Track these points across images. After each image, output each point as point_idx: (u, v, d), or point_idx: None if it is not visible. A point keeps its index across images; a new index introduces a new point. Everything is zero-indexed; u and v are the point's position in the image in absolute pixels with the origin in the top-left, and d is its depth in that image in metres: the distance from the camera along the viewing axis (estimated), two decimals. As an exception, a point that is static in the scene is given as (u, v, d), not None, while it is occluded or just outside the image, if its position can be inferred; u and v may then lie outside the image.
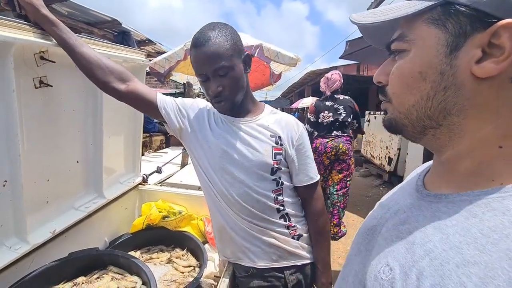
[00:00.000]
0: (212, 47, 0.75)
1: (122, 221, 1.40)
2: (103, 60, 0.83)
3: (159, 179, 1.87)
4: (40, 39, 0.80)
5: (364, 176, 4.96)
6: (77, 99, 1.07)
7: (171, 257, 1.31)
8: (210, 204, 0.93)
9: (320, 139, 2.74)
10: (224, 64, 0.76)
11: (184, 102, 0.91)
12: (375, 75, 0.41)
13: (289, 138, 0.89)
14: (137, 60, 1.25)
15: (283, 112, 0.95)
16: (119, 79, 0.84)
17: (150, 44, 3.74)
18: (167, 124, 0.89)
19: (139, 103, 0.87)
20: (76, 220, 1.06)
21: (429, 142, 0.37)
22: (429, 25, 0.32)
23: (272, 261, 0.90)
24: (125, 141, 1.45)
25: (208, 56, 0.75)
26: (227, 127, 0.87)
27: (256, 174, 0.85)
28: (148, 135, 4.28)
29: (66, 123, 1.03)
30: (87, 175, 1.19)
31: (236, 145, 0.84)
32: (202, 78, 0.81)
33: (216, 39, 0.75)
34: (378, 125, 4.57)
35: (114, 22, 2.75)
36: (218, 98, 0.80)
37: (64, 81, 0.98)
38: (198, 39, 0.76)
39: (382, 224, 0.42)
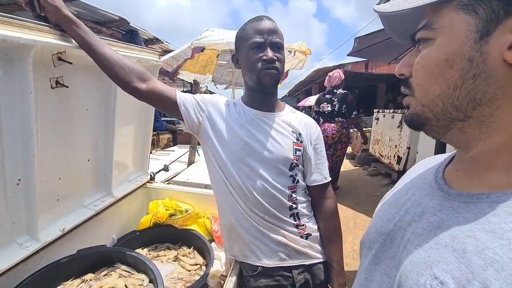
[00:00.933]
0: (275, 26, 0.85)
1: (130, 218, 1.41)
2: (124, 60, 0.85)
3: (166, 177, 1.88)
4: (59, 41, 0.81)
5: (372, 175, 4.89)
6: (91, 99, 1.08)
7: (177, 255, 1.32)
8: (221, 200, 0.93)
9: (327, 124, 3.55)
10: (282, 43, 0.85)
11: (203, 98, 0.93)
12: (397, 67, 0.39)
13: (308, 136, 0.92)
14: (151, 60, 1.25)
15: (301, 112, 1.00)
16: (140, 78, 0.85)
17: (157, 43, 3.76)
18: (183, 121, 0.90)
19: (159, 101, 0.89)
20: (85, 218, 1.07)
21: (454, 138, 0.35)
22: (458, 11, 0.31)
23: (280, 260, 0.89)
24: (134, 140, 1.46)
25: (273, 29, 0.84)
26: (250, 119, 0.89)
27: (275, 168, 0.86)
28: (155, 133, 4.32)
29: (79, 123, 1.04)
30: (97, 174, 1.20)
31: (259, 137, 0.86)
32: (258, 45, 0.83)
33: (276, 24, 0.86)
34: (386, 123, 4.49)
35: (122, 21, 2.77)
36: (272, 65, 0.83)
37: (79, 81, 0.99)
38: (262, 16, 0.86)
39: (404, 229, 0.38)
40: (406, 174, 0.52)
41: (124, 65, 0.84)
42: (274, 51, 0.83)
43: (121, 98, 1.17)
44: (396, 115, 4.10)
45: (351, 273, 2.23)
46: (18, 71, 0.75)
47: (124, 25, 2.92)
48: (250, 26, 0.85)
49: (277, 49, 0.84)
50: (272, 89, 0.89)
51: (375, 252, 0.42)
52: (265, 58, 0.82)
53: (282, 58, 0.86)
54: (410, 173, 0.50)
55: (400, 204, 0.42)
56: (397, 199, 0.44)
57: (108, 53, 0.83)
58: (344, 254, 2.55)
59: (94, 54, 0.82)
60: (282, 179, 0.87)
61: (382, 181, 4.45)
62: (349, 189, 4.29)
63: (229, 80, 4.55)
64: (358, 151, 6.12)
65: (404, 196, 0.43)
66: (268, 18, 0.86)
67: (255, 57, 0.83)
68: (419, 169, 0.48)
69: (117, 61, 0.83)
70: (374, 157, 5.08)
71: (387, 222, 0.42)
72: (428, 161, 0.49)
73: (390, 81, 13.94)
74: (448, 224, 0.32)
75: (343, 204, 3.67)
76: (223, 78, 4.78)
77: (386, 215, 0.44)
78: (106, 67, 0.83)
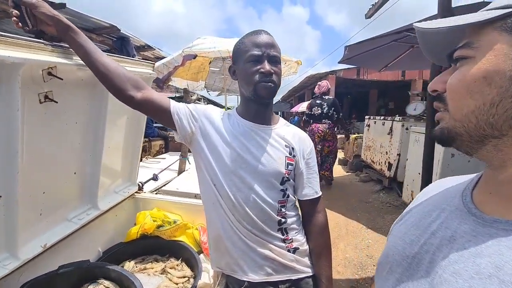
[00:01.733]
0: (273, 40, 0.87)
1: (116, 230, 1.39)
2: (120, 69, 0.85)
3: (155, 186, 1.86)
4: (49, 57, 0.80)
5: (364, 181, 4.93)
6: (81, 113, 1.07)
7: (165, 267, 1.29)
8: (210, 211, 0.92)
9: (315, 124, 4.35)
10: (279, 56, 0.87)
11: (197, 108, 0.93)
12: (431, 84, 0.39)
13: (301, 151, 0.93)
14: (145, 73, 1.25)
15: (295, 126, 1.01)
16: (135, 87, 0.85)
17: (149, 50, 3.75)
18: (176, 131, 0.89)
19: (152, 110, 0.88)
20: (69, 232, 1.05)
21: (489, 154, 0.34)
22: (501, 32, 0.31)
23: (267, 275, 0.88)
24: (124, 150, 1.44)
25: (271, 42, 0.85)
26: (244, 131, 0.89)
27: (266, 181, 0.86)
28: (147, 140, 4.28)
29: (67, 136, 1.03)
30: (83, 186, 1.18)
31: (251, 150, 0.86)
32: (256, 57, 0.84)
33: (274, 39, 0.88)
34: (377, 129, 4.55)
35: (113, 28, 2.76)
36: (269, 78, 0.84)
37: (70, 95, 0.98)
38: (260, 30, 0.88)
39: (433, 253, 0.36)
40: (423, 193, 0.51)
41: (121, 73, 0.84)
42: (271, 64, 0.84)
43: (113, 110, 1.16)
44: (387, 122, 4.16)
45: (342, 281, 2.22)
46: (6, 90, 0.73)
47: (114, 32, 2.90)
48: (248, 39, 0.86)
49: (274, 62, 0.85)
50: (269, 100, 0.90)
51: (398, 276, 0.40)
52: (263, 70, 0.83)
53: (278, 72, 0.87)
54: (427, 193, 0.49)
55: (424, 226, 0.40)
56: (419, 220, 0.42)
57: (107, 62, 0.83)
58: (336, 262, 2.56)
59: (92, 62, 0.82)
60: (273, 193, 0.87)
61: (373, 187, 4.48)
62: (341, 196, 4.31)
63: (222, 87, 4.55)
64: (350, 157, 6.17)
65: (428, 218, 0.41)
66: (266, 32, 0.87)
67: (253, 69, 0.84)
68: (437, 189, 0.47)
69: (114, 69, 0.83)
70: (366, 163, 5.13)
71: (411, 245, 0.40)
72: (447, 182, 0.47)
73: (381, 88, 14.20)
74: (489, 253, 0.30)
75: (335, 211, 3.68)
76: (215, 85, 4.78)
77: (408, 236, 0.42)
78: (103, 75, 0.83)
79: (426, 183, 1.86)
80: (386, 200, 3.89)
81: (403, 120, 3.68)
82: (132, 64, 1.18)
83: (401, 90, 11.63)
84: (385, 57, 4.80)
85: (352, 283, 2.20)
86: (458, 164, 2.40)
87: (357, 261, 2.51)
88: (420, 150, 1.90)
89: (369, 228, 3.14)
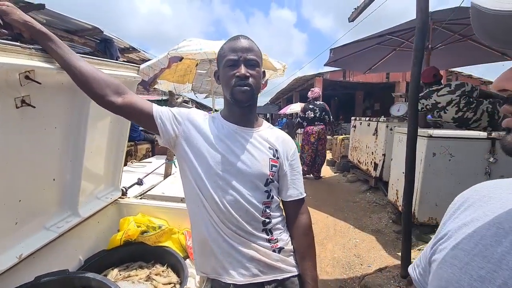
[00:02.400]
0: (250, 44, 0.88)
1: (98, 237, 1.34)
2: (99, 74, 0.84)
3: (140, 191, 1.82)
4: (27, 60, 0.77)
5: (351, 181, 5.01)
6: (61, 117, 1.03)
7: (150, 274, 1.26)
8: (194, 214, 0.92)
9: (309, 126, 5.09)
10: (257, 60, 0.88)
11: (181, 111, 0.93)
12: (497, 80, 0.31)
13: (285, 153, 0.94)
14: (129, 76, 1.22)
15: (278, 129, 1.02)
16: (116, 92, 0.85)
17: (134, 52, 3.69)
18: (160, 135, 0.89)
19: (134, 115, 0.88)
20: (47, 241, 1.00)
21: None
22: None
23: (253, 276, 0.88)
24: (107, 155, 1.40)
25: (247, 46, 0.86)
26: (228, 133, 0.90)
27: (250, 182, 0.87)
28: (133, 144, 4.18)
29: (46, 141, 0.99)
30: (63, 193, 1.13)
31: (236, 152, 0.87)
32: (232, 62, 0.86)
33: (253, 42, 0.90)
34: (363, 130, 4.64)
35: (95, 29, 2.70)
36: (244, 81, 0.85)
37: (49, 100, 0.94)
38: (238, 35, 0.90)
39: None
40: (462, 203, 0.43)
41: (100, 79, 0.83)
42: (248, 68, 0.85)
43: (95, 114, 1.13)
44: (372, 123, 4.24)
45: (331, 282, 2.24)
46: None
47: (97, 34, 2.84)
48: (227, 45, 0.88)
49: (251, 66, 0.86)
50: (247, 103, 0.90)
51: None
52: (238, 74, 0.84)
53: (256, 74, 0.87)
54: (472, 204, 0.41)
55: (496, 259, 0.32)
56: (484, 247, 0.34)
57: (83, 67, 0.82)
58: (324, 262, 2.58)
59: (68, 67, 0.82)
60: (257, 194, 0.88)
61: (360, 187, 4.56)
62: (329, 196, 4.36)
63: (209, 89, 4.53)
64: (337, 158, 6.26)
65: (496, 246, 0.33)
66: (244, 37, 0.89)
67: (230, 73, 0.86)
68: (488, 200, 0.39)
69: (92, 74, 0.82)
70: (353, 163, 5.22)
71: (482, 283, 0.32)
72: (500, 192, 0.40)
73: (367, 89, 14.53)
74: None
75: (323, 211, 3.72)
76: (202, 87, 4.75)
77: (474, 270, 0.34)
78: (81, 80, 0.82)
79: (410, 182, 1.91)
80: (372, 199, 3.97)
81: (387, 121, 3.77)
82: (115, 68, 1.15)
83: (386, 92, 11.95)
84: (370, 59, 4.93)
85: (341, 283, 2.22)
86: (440, 163, 2.48)
87: (345, 261, 2.54)
88: (404, 150, 1.95)
89: (357, 228, 3.19)
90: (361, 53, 4.51)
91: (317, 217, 3.55)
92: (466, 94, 2.67)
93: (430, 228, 2.57)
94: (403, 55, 4.57)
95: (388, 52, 4.74)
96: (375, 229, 3.11)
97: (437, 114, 2.92)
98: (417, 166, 2.01)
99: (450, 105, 2.75)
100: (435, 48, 3.95)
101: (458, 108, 2.72)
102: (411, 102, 1.86)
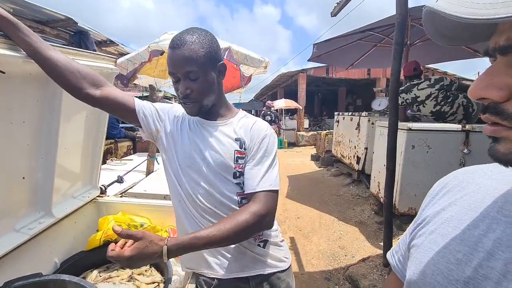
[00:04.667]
0: (187, 52, 0.76)
1: (76, 238, 1.28)
2: (73, 64, 0.78)
3: (121, 189, 1.75)
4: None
5: (335, 175, 5.11)
6: (29, 110, 0.95)
7: (132, 274, 1.22)
8: (177, 209, 0.90)
9: None
10: (196, 69, 0.78)
11: (163, 106, 0.92)
12: (474, 88, 0.30)
13: (252, 143, 0.85)
14: (106, 68, 1.15)
15: (257, 118, 0.93)
16: (93, 84, 0.81)
17: (112, 45, 3.53)
18: (142, 129, 0.88)
19: (115, 108, 0.84)
20: (17, 244, 0.94)
21: None
22: None
23: (237, 271, 0.87)
24: (83, 151, 1.33)
25: (182, 58, 0.77)
26: (197, 129, 0.88)
27: (219, 175, 0.84)
28: (113, 141, 4.03)
29: (13, 137, 0.91)
30: (34, 192, 1.06)
31: (200, 147, 0.85)
32: (174, 79, 0.82)
33: (192, 45, 0.77)
34: (346, 125, 4.74)
35: (69, 20, 2.55)
36: (186, 99, 0.81)
37: (15, 91, 0.87)
38: (175, 41, 0.78)
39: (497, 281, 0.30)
40: (442, 187, 0.44)
41: (75, 70, 0.78)
42: (188, 82, 0.79)
43: (68, 107, 1.06)
44: (354, 118, 4.34)
45: (316, 273, 2.28)
46: None
47: (71, 26, 2.68)
48: (168, 53, 0.80)
49: (191, 80, 0.79)
50: (196, 116, 0.86)
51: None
52: (179, 93, 0.81)
53: (197, 87, 0.79)
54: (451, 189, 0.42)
55: (473, 241, 0.33)
56: (462, 231, 0.35)
57: (56, 57, 0.76)
58: (310, 255, 2.62)
59: (38, 58, 0.75)
60: (228, 186, 0.84)
61: (344, 181, 4.66)
62: (314, 190, 4.42)
63: (192, 85, 4.42)
64: (322, 153, 6.36)
65: (474, 229, 0.34)
66: (181, 43, 0.76)
67: (175, 87, 0.84)
68: (467, 185, 0.40)
69: (65, 65, 0.76)
70: (337, 158, 5.32)
71: (458, 265, 0.33)
72: (478, 177, 0.40)
73: (349, 85, 14.84)
74: None
75: (308, 205, 3.77)
76: (185, 83, 4.64)
77: (451, 253, 0.34)
78: (54, 72, 0.76)
79: (391, 173, 1.97)
80: (355, 192, 4.07)
81: (369, 115, 3.86)
82: (91, 58, 1.09)
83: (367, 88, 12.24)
84: (351, 55, 5.01)
85: (326, 274, 2.26)
86: (419, 155, 2.57)
87: (330, 252, 2.59)
88: (385, 143, 2.00)
89: (341, 220, 3.26)
90: (343, 49, 4.58)
91: (302, 211, 3.59)
92: (445, 88, 2.78)
93: (410, 218, 2.67)
94: (383, 52, 4.69)
95: (369, 48, 4.84)
96: (358, 221, 3.19)
97: (416, 108, 3.02)
98: (397, 158, 2.07)
99: (429, 99, 2.85)
100: (413, 45, 4.08)
101: (436, 102, 2.82)
102: (392, 95, 1.91)
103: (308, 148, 9.64)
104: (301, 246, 2.73)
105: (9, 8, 2.18)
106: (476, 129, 2.50)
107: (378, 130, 3.24)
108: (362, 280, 2.03)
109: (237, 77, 3.39)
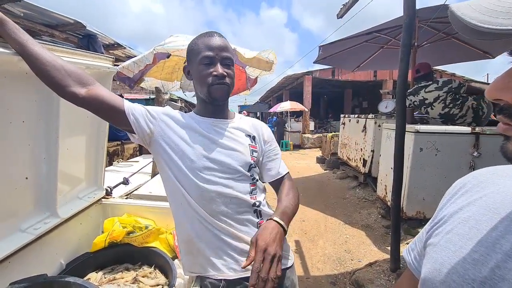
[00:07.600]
0: (225, 42, 0.87)
1: (81, 239, 1.28)
2: (59, 61, 0.77)
3: (126, 190, 1.76)
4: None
5: (341, 178, 5.06)
6: (28, 110, 0.96)
7: (137, 276, 1.22)
8: (178, 212, 0.89)
9: None
10: (231, 58, 0.88)
11: (155, 108, 0.91)
12: (491, 89, 0.31)
13: (260, 138, 0.97)
14: (103, 67, 1.15)
15: (250, 117, 1.04)
16: (79, 82, 0.78)
17: (119, 48, 3.57)
18: (133, 133, 0.85)
19: (102, 110, 0.81)
20: (22, 244, 0.94)
21: None
22: None
23: (244, 270, 0.85)
24: (87, 152, 1.34)
25: (222, 44, 0.86)
26: (206, 127, 0.89)
27: (235, 170, 0.87)
28: (119, 143, 4.07)
29: (13, 137, 0.92)
30: (38, 193, 1.07)
31: (218, 143, 0.87)
32: (208, 60, 0.84)
33: (227, 40, 0.89)
34: (352, 127, 4.69)
35: (77, 24, 2.59)
36: (222, 80, 0.85)
37: (12, 91, 0.88)
38: (212, 32, 0.88)
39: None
40: (460, 188, 0.44)
41: (60, 67, 0.76)
42: (224, 66, 0.86)
43: (68, 107, 1.06)
44: (361, 120, 4.29)
45: (322, 278, 2.25)
46: None
47: (79, 29, 2.72)
48: (201, 41, 0.86)
49: (226, 65, 0.87)
50: (223, 102, 0.91)
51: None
52: (215, 73, 0.84)
53: (231, 73, 0.88)
54: (470, 189, 0.41)
55: (490, 242, 0.33)
56: (479, 232, 0.35)
57: (40, 53, 0.75)
58: (315, 259, 2.58)
59: (24, 53, 0.75)
60: (243, 179, 0.89)
61: (350, 184, 4.61)
62: (319, 193, 4.38)
63: (198, 87, 4.45)
64: (327, 155, 6.31)
65: (492, 231, 0.34)
66: (219, 34, 0.88)
67: (206, 71, 0.85)
68: (486, 186, 0.39)
69: (50, 62, 0.75)
70: (342, 160, 5.27)
71: (475, 265, 0.33)
72: (498, 178, 0.40)
73: (355, 87, 14.73)
74: None
75: (314, 208, 3.74)
76: (191, 85, 4.67)
77: (468, 253, 0.34)
78: (38, 68, 0.75)
79: (398, 177, 1.93)
80: (362, 195, 4.02)
81: (376, 117, 3.81)
82: (88, 57, 1.09)
83: (374, 90, 12.13)
84: (358, 57, 4.97)
85: (332, 279, 2.23)
86: (427, 158, 2.52)
87: (335, 256, 2.55)
88: (392, 145, 1.97)
89: (347, 224, 3.21)
90: (349, 51, 4.55)
91: (308, 214, 3.56)
92: (453, 90, 2.73)
93: (418, 222, 2.61)
94: (390, 53, 4.63)
95: (376, 50, 4.79)
96: (365, 224, 3.14)
97: (424, 110, 2.97)
98: (405, 161, 2.04)
99: (437, 101, 2.80)
100: (420, 46, 4.02)
101: (445, 104, 2.77)
102: (399, 97, 1.87)
103: (313, 150, 9.58)
104: (306, 249, 2.70)
105: (20, 13, 2.22)
106: (486, 132, 2.44)
107: (385, 133, 3.19)
108: (368, 285, 1.98)
109: (242, 79, 3.39)
